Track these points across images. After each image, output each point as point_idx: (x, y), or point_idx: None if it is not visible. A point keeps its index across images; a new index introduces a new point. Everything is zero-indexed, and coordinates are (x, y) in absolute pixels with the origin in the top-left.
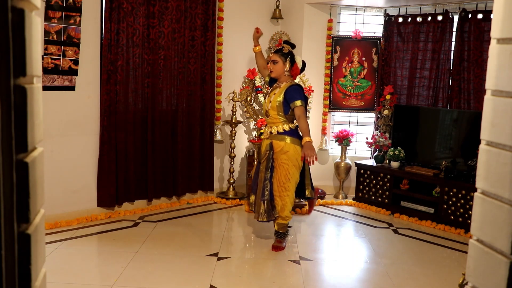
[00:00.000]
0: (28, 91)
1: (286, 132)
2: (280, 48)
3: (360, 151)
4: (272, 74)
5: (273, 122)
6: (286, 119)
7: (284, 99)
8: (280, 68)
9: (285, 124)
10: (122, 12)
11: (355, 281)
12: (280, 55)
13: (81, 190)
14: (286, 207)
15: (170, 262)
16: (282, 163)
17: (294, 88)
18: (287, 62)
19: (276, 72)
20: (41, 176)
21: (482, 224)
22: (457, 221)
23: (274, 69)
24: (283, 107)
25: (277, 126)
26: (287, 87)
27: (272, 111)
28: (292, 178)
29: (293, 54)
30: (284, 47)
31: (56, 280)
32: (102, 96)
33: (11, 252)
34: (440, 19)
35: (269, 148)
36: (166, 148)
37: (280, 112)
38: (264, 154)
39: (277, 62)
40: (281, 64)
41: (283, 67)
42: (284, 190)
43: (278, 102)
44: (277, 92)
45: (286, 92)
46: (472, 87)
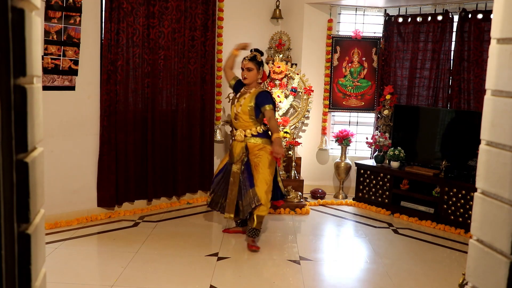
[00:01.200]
0: (28, 91)
1: (260, 134)
2: (254, 56)
3: (360, 151)
4: (246, 81)
5: (245, 125)
6: (257, 121)
7: (256, 104)
8: (254, 75)
9: (258, 127)
10: (122, 12)
11: (355, 281)
12: (255, 63)
13: (81, 190)
14: (265, 194)
15: (170, 262)
16: (259, 155)
17: (264, 94)
18: (261, 69)
19: (250, 79)
20: (41, 176)
21: (482, 224)
22: (457, 221)
23: (248, 76)
24: (254, 111)
25: (250, 129)
26: (257, 93)
27: (244, 115)
28: (271, 165)
29: (263, 62)
30: (257, 56)
31: (56, 280)
32: (102, 96)
33: (11, 252)
34: (440, 19)
35: (244, 151)
36: (166, 148)
37: (252, 116)
38: (238, 157)
39: (252, 69)
40: (255, 72)
41: (257, 74)
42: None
43: (249, 107)
44: (247, 97)
45: (257, 97)
46: (472, 87)
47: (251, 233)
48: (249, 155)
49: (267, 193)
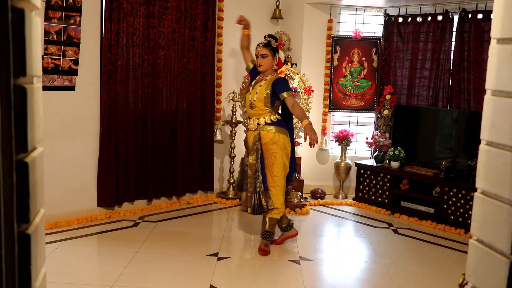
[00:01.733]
0: (28, 91)
1: (274, 122)
2: (268, 42)
3: (360, 151)
4: (261, 68)
5: (259, 113)
6: (273, 110)
7: (272, 91)
8: (269, 62)
9: (272, 115)
10: (122, 12)
11: (355, 281)
12: (270, 49)
13: (81, 190)
14: (279, 197)
15: (170, 262)
16: (273, 153)
17: (281, 80)
18: (276, 56)
19: (266, 66)
20: (41, 176)
21: (482, 224)
22: (457, 221)
23: (263, 63)
24: (270, 99)
25: (264, 117)
26: (274, 79)
27: (259, 102)
28: (283, 167)
29: (278, 48)
30: (272, 41)
31: (56, 280)
32: (102, 96)
33: (11, 252)
34: (440, 19)
35: (257, 139)
36: (166, 148)
37: (268, 104)
38: (253, 146)
39: (267, 56)
40: (270, 58)
41: (272, 61)
42: (277, 179)
43: (266, 94)
44: (263, 85)
45: (274, 84)
46: (472, 87)
47: (265, 235)
48: (263, 147)
49: (281, 197)
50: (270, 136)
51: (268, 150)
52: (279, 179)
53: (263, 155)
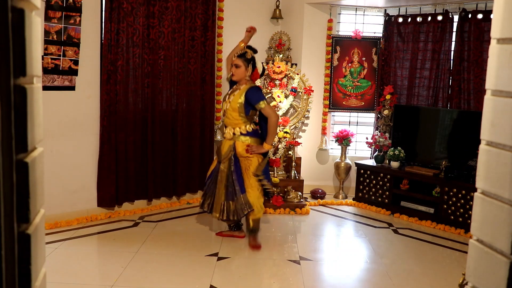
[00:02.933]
0: (28, 91)
1: (249, 133)
2: (243, 53)
3: (360, 151)
4: (234, 78)
5: (234, 123)
6: (247, 119)
7: (246, 101)
8: (242, 72)
9: (247, 125)
10: (122, 12)
11: (355, 281)
12: (243, 60)
13: (81, 190)
14: (257, 199)
15: (170, 262)
16: (249, 158)
17: (253, 90)
18: (249, 67)
19: (238, 76)
20: (41, 176)
21: (482, 224)
22: (457, 221)
23: (236, 73)
24: (244, 108)
25: (240, 127)
26: (247, 89)
27: (233, 112)
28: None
29: (255, 59)
30: (247, 52)
31: (56, 280)
32: (102, 96)
33: (11, 252)
34: (440, 19)
35: (232, 149)
36: (166, 148)
37: (242, 113)
38: (226, 155)
39: (240, 66)
40: (243, 69)
41: (245, 72)
42: (254, 180)
43: (239, 104)
44: (237, 94)
45: (247, 94)
46: (472, 87)
47: (252, 231)
48: (237, 155)
49: (259, 198)
50: (244, 146)
51: (242, 157)
52: (255, 180)
53: (238, 163)
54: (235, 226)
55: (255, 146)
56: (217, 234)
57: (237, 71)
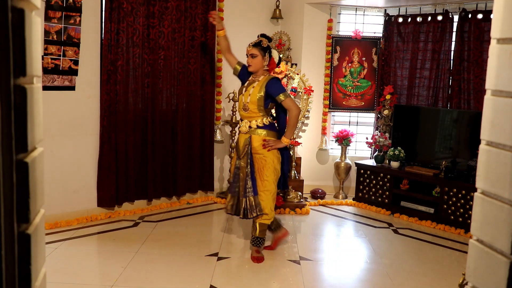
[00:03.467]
0: (28, 91)
1: (266, 126)
2: (258, 41)
3: (360, 151)
4: (250, 69)
5: (252, 116)
6: (265, 112)
7: (266, 93)
8: (259, 62)
9: (264, 118)
10: (122, 12)
11: (355, 281)
12: (260, 49)
13: (81, 190)
14: (269, 202)
15: (170, 262)
16: (263, 157)
17: (273, 82)
18: (266, 56)
19: (255, 66)
20: (41, 176)
21: (482, 224)
22: (457, 221)
23: (252, 63)
24: (263, 101)
25: (256, 120)
26: (267, 80)
27: (252, 105)
28: (275, 171)
29: (270, 48)
30: (263, 41)
31: (56, 280)
32: (102, 96)
33: (11, 252)
34: (440, 19)
35: (248, 143)
36: (166, 148)
37: (261, 106)
38: (243, 149)
39: (256, 56)
40: (260, 58)
41: (262, 61)
42: (267, 184)
43: (259, 96)
44: (256, 86)
45: (267, 85)
46: (472, 87)
47: (255, 242)
48: (252, 150)
49: (271, 202)
50: (261, 140)
51: (258, 154)
52: (269, 183)
53: (252, 161)
54: (276, 226)
55: (273, 140)
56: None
57: (253, 61)
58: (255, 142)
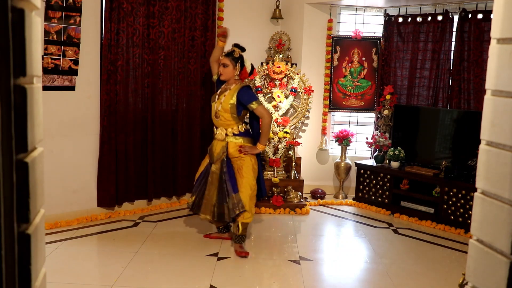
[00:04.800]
0: (28, 91)
1: (241, 133)
2: (231, 51)
3: (360, 151)
4: (222, 77)
5: (226, 124)
6: (239, 120)
7: (238, 101)
8: (230, 71)
9: (240, 125)
10: (122, 12)
11: (355, 281)
12: (231, 59)
13: (81, 190)
14: (250, 199)
15: (170, 262)
16: (241, 158)
17: (244, 90)
18: (238, 66)
19: (226, 75)
20: (41, 176)
21: (482, 224)
22: (457, 221)
23: (224, 72)
24: (236, 109)
25: (232, 127)
26: (239, 89)
27: (225, 113)
28: (252, 169)
29: (243, 58)
30: (235, 51)
31: (56, 280)
32: (102, 96)
33: (11, 252)
34: (440, 19)
35: (225, 150)
36: (166, 148)
37: (234, 114)
38: (218, 156)
39: (228, 65)
40: (231, 68)
41: (233, 71)
42: (246, 181)
43: (230, 104)
44: (228, 94)
45: (239, 94)
46: (472, 87)
47: (237, 239)
48: (229, 156)
49: (251, 199)
50: (238, 144)
51: (234, 157)
52: (249, 180)
53: (230, 164)
54: (224, 227)
55: (248, 146)
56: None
57: (225, 70)
58: (231, 148)
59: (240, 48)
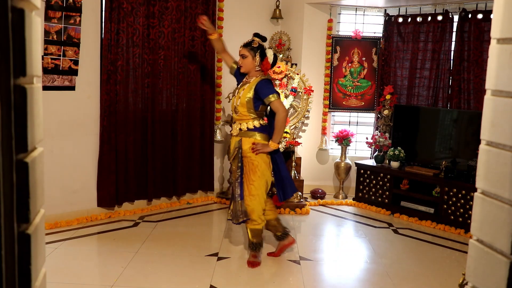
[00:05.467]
0: (28, 91)
1: (256, 128)
2: (249, 41)
3: (360, 151)
4: (242, 69)
5: (242, 119)
6: (257, 115)
7: (255, 95)
8: (249, 63)
9: (255, 121)
10: (122, 12)
11: (355, 281)
12: (249, 49)
13: (81, 190)
14: (255, 209)
15: (170, 262)
16: (250, 160)
17: (263, 83)
18: (257, 56)
19: (246, 67)
20: (41, 176)
21: (482, 224)
22: (457, 221)
23: (243, 64)
24: (253, 103)
25: (247, 122)
26: (257, 82)
27: (242, 107)
28: (261, 176)
29: (263, 47)
30: (254, 41)
31: (56, 280)
32: (102, 96)
33: (11, 252)
34: (440, 19)
35: (238, 146)
36: (166, 148)
37: (251, 109)
38: (233, 153)
39: (246, 56)
40: (250, 59)
41: (253, 62)
42: (253, 188)
43: (248, 98)
44: (246, 88)
45: (257, 88)
46: (472, 87)
47: (251, 246)
48: (243, 153)
49: (257, 207)
50: (250, 143)
51: (247, 157)
52: (255, 188)
53: (242, 162)
54: (283, 234)
55: (261, 144)
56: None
57: (244, 61)
58: (245, 145)
59: (260, 38)
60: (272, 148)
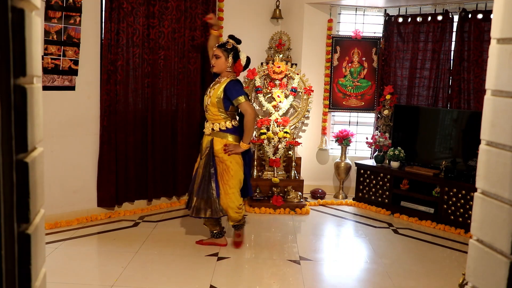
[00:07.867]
0: (28, 91)
1: (229, 130)
2: (224, 42)
3: (360, 151)
4: (214, 69)
5: (214, 118)
6: (227, 115)
7: (225, 95)
8: (222, 63)
9: (227, 121)
10: (122, 12)
11: (355, 281)
12: (223, 50)
13: (81, 190)
14: (231, 206)
15: (170, 262)
16: (224, 161)
17: (232, 84)
18: (230, 57)
19: (218, 67)
20: (41, 176)
21: (482, 224)
22: (457, 221)
23: (216, 64)
24: (223, 103)
25: (219, 123)
26: (226, 83)
27: (212, 107)
28: (235, 175)
29: (237, 50)
30: (229, 42)
31: (56, 280)
32: (102, 96)
33: (11, 252)
34: (440, 19)
35: (209, 145)
36: (166, 148)
37: (221, 109)
38: (204, 151)
39: (220, 57)
40: (223, 60)
41: (225, 62)
42: (228, 188)
43: (217, 98)
44: (217, 88)
45: (226, 88)
46: (472, 87)
47: (234, 227)
48: (214, 153)
49: (232, 206)
50: (223, 144)
51: (218, 157)
52: (230, 187)
53: (215, 161)
54: (219, 233)
55: (232, 145)
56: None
57: (217, 62)
58: (216, 145)
59: (234, 40)
60: (243, 149)
